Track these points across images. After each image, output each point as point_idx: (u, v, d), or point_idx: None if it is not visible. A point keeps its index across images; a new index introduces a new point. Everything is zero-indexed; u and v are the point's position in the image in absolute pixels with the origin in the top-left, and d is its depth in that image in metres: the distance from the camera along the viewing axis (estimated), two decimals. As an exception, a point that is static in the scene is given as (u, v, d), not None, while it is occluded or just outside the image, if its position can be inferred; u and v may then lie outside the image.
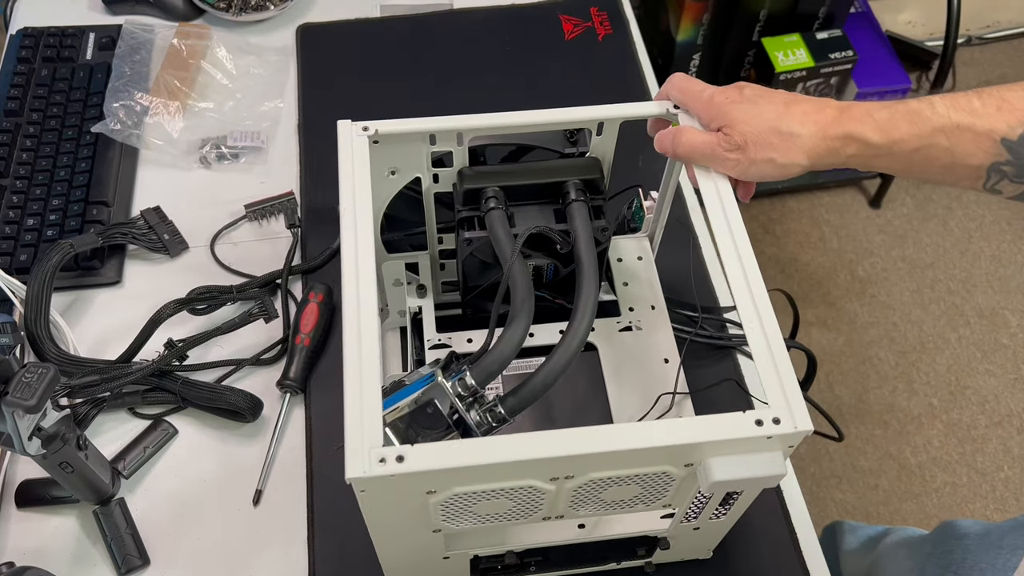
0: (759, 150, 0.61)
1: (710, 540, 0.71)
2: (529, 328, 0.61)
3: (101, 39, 1.10)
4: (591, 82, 1.09)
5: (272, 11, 1.14)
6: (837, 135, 0.60)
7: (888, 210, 2.02)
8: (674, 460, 0.53)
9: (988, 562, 0.78)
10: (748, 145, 0.61)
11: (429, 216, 0.74)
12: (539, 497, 0.54)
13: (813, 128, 0.60)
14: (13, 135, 0.99)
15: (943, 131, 0.58)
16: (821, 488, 1.64)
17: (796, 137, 0.60)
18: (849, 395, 1.75)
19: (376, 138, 0.64)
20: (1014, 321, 1.86)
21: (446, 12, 1.16)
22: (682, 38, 1.75)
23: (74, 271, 0.89)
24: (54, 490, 0.76)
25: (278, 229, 0.95)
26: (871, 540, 1.06)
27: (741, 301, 0.56)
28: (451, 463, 0.49)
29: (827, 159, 0.61)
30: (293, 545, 0.75)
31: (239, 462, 0.79)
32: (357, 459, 0.49)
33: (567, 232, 0.68)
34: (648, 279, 0.81)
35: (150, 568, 0.74)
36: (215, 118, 1.02)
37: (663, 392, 0.75)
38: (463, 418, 0.58)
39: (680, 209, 0.95)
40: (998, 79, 2.22)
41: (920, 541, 0.92)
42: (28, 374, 0.59)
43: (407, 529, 0.58)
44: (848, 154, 0.61)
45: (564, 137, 0.73)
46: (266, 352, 0.85)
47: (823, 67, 1.70)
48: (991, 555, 0.78)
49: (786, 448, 0.52)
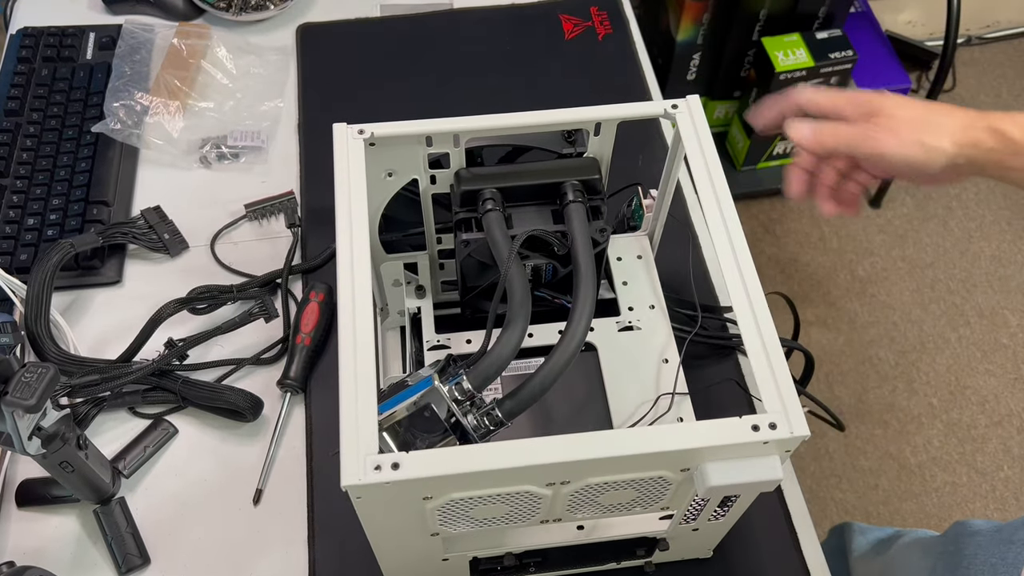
0: (911, 131, 0.63)
1: (710, 540, 0.71)
2: (526, 331, 0.61)
3: (101, 39, 1.10)
4: (591, 82, 1.09)
5: (272, 11, 1.14)
6: (981, 126, 0.63)
7: (888, 210, 2.02)
8: (670, 465, 0.53)
9: (999, 557, 0.78)
10: (900, 127, 0.63)
11: (427, 217, 0.74)
12: (536, 502, 0.54)
13: (959, 118, 0.64)
14: (13, 135, 0.99)
15: None
16: (821, 488, 1.64)
17: (943, 125, 0.63)
18: (849, 395, 1.75)
19: (372, 140, 0.64)
20: (1014, 321, 1.86)
21: (446, 12, 1.16)
22: (682, 38, 1.75)
23: (74, 271, 0.89)
24: (54, 490, 0.76)
25: (278, 229, 0.95)
26: (882, 543, 1.06)
27: (738, 305, 0.56)
28: (447, 470, 0.49)
29: (970, 150, 0.63)
30: (293, 544, 0.75)
31: (239, 462, 0.79)
32: (352, 466, 0.49)
33: (564, 234, 0.68)
34: (648, 278, 0.81)
35: (150, 567, 0.74)
36: (215, 118, 1.02)
37: (663, 392, 0.75)
38: (460, 422, 0.58)
39: (680, 208, 0.95)
40: (998, 79, 2.22)
41: (932, 541, 0.92)
42: (28, 374, 0.59)
43: (405, 533, 0.58)
44: (989, 147, 0.63)
45: (562, 137, 0.73)
46: (266, 352, 0.85)
47: (823, 67, 1.70)
48: (1002, 550, 0.78)
49: (783, 453, 0.53)
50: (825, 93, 0.67)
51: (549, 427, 0.74)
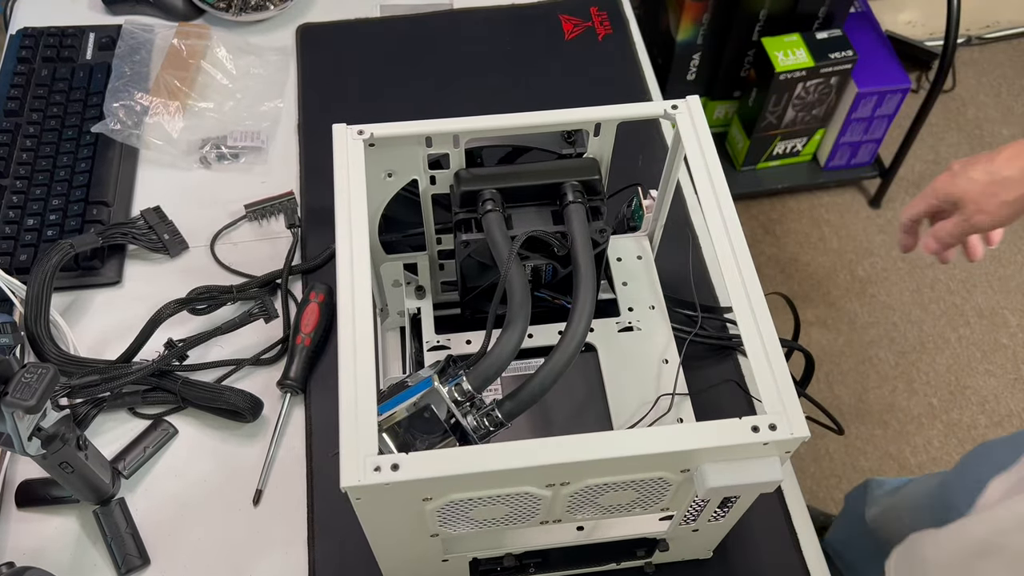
0: (990, 201, 0.75)
1: (710, 541, 0.71)
2: (526, 332, 0.61)
3: (101, 39, 1.10)
4: (591, 82, 1.09)
5: (272, 11, 1.14)
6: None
7: (888, 210, 2.02)
8: (670, 466, 0.53)
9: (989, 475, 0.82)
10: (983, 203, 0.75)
11: (427, 218, 0.74)
12: (535, 503, 0.54)
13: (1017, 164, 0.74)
14: (13, 135, 0.99)
15: None
16: (821, 488, 1.64)
17: (1009, 179, 0.74)
18: (849, 395, 1.75)
19: (372, 141, 0.64)
20: (1014, 321, 1.86)
21: (446, 12, 1.16)
22: (682, 38, 1.75)
23: (74, 271, 0.89)
24: (54, 490, 0.76)
25: (278, 229, 0.95)
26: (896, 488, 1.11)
27: (738, 305, 0.56)
28: (446, 471, 0.49)
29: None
30: (293, 545, 0.75)
31: (239, 462, 0.79)
32: (352, 467, 0.49)
33: (564, 234, 0.68)
34: (648, 278, 0.81)
35: (150, 568, 0.74)
36: (215, 118, 1.02)
37: (662, 393, 0.75)
38: (460, 423, 0.58)
39: (680, 208, 0.95)
40: (998, 79, 2.22)
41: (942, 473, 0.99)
42: (28, 374, 0.59)
43: (404, 534, 0.58)
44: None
45: (562, 138, 0.73)
46: (266, 352, 0.85)
47: (823, 67, 1.70)
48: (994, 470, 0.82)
49: (783, 454, 0.53)
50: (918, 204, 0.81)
51: (549, 428, 0.74)
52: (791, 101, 1.77)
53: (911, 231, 0.84)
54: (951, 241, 0.80)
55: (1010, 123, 2.14)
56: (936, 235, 0.80)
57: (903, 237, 0.85)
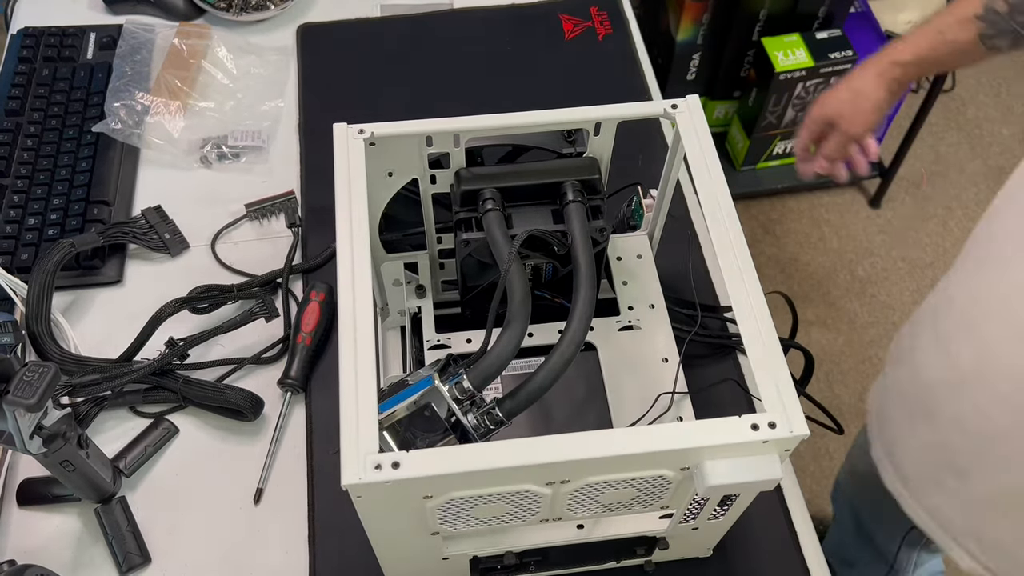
0: (855, 113, 0.90)
1: (709, 539, 0.71)
2: (526, 331, 0.61)
3: (102, 39, 1.10)
4: (591, 82, 1.09)
5: (272, 11, 1.14)
6: (886, 62, 0.88)
7: (888, 210, 2.02)
8: (670, 464, 0.53)
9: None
10: (850, 119, 0.90)
11: (427, 217, 0.74)
12: (536, 501, 0.55)
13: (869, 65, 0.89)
14: (14, 135, 0.99)
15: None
16: (821, 488, 1.64)
17: (863, 90, 0.89)
18: (849, 395, 1.75)
19: (372, 140, 0.64)
20: (1014, 321, 1.85)
21: (446, 12, 1.16)
22: (682, 38, 1.75)
23: (75, 270, 0.89)
24: (55, 488, 0.76)
25: (279, 228, 0.95)
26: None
27: (738, 305, 0.56)
28: (447, 469, 0.50)
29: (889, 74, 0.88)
30: (294, 543, 0.75)
31: (240, 461, 0.80)
32: (352, 465, 0.49)
33: (564, 233, 0.68)
34: (647, 278, 0.81)
35: (151, 566, 0.74)
36: (216, 118, 1.03)
37: (662, 392, 0.75)
38: (460, 422, 0.58)
39: (680, 208, 0.95)
40: (998, 79, 2.22)
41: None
42: (29, 373, 0.60)
43: (405, 532, 0.58)
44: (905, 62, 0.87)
45: (562, 137, 0.73)
46: (267, 351, 0.85)
47: (823, 67, 1.70)
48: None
49: (782, 452, 0.53)
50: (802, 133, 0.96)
51: (549, 426, 0.74)
52: (791, 101, 1.77)
53: (805, 159, 0.97)
54: (836, 155, 0.94)
55: (1010, 123, 2.14)
56: (823, 153, 0.94)
57: (801, 166, 0.98)
